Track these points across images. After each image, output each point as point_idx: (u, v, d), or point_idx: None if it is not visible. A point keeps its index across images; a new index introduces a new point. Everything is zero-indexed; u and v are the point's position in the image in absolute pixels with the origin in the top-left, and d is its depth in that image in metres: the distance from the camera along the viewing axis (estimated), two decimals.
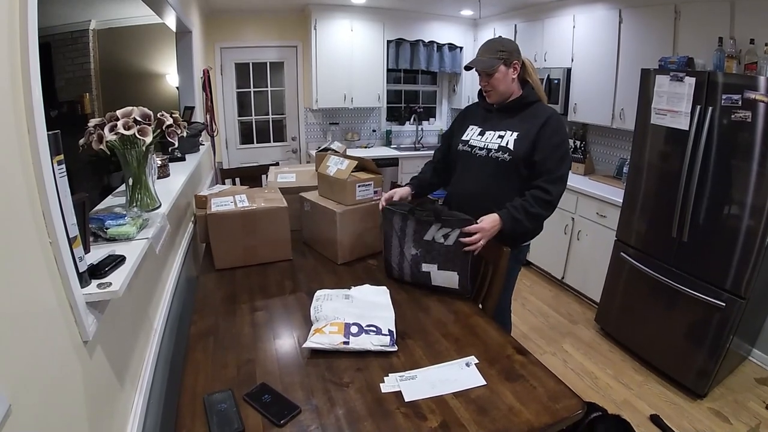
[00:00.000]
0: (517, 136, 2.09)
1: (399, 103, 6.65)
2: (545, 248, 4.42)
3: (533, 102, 2.16)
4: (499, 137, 2.14)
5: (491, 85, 2.14)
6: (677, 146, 2.87)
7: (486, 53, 2.12)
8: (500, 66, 2.09)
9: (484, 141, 2.19)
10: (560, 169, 2.05)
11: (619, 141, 4.44)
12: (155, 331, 1.67)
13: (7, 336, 0.74)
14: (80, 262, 1.03)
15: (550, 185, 2.02)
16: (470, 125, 2.31)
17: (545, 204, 2.02)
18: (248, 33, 5.52)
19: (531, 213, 2.01)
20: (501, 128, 2.16)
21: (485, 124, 2.25)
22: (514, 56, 2.11)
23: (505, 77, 2.11)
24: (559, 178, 2.04)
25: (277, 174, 2.93)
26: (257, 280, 2.12)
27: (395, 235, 2.10)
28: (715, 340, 2.74)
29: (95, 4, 4.56)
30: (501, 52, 2.09)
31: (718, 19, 3.18)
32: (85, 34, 4.95)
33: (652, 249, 3.12)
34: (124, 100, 5.45)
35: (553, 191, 2.02)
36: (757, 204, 2.51)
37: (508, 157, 2.09)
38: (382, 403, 1.31)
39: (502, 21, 5.60)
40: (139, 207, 1.64)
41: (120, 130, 1.46)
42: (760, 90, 2.44)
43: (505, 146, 2.10)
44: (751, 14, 3.01)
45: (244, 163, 5.73)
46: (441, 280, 2.02)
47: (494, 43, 2.15)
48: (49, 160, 0.92)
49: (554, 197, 2.03)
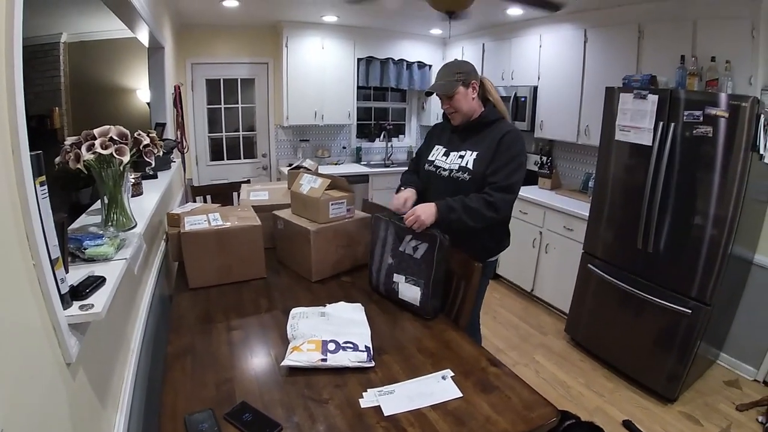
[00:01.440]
0: (476, 156, 2.16)
1: (369, 120, 6.72)
2: (514, 262, 4.51)
3: (494, 120, 2.22)
4: (459, 157, 2.21)
5: (453, 107, 2.20)
6: (641, 161, 2.98)
7: (444, 77, 2.20)
8: (459, 87, 2.16)
9: (447, 161, 2.26)
10: (507, 180, 2.09)
11: (585, 156, 4.58)
12: (132, 351, 1.66)
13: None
14: (62, 284, 1.03)
15: (493, 191, 2.07)
16: (436, 145, 2.38)
17: (485, 203, 2.05)
18: (220, 49, 5.52)
19: (468, 206, 2.04)
20: (463, 148, 2.23)
21: (450, 144, 2.31)
22: (472, 76, 2.18)
23: (465, 98, 2.18)
24: (506, 187, 2.09)
25: (250, 192, 2.93)
26: (232, 299, 2.11)
27: (379, 242, 2.15)
28: (683, 346, 2.84)
29: (67, 17, 4.48)
30: (458, 74, 2.16)
31: (680, 38, 3.33)
32: (56, 46, 4.88)
33: (619, 260, 3.23)
34: (94, 115, 5.35)
35: (495, 195, 2.06)
36: (719, 214, 2.63)
37: (467, 177, 2.16)
38: (362, 418, 1.33)
39: (471, 40, 5.74)
40: (115, 226, 1.63)
41: (97, 150, 1.46)
42: (721, 106, 2.57)
43: (465, 166, 2.17)
44: (713, 33, 3.16)
45: (215, 179, 5.69)
46: (407, 294, 2.02)
47: (451, 66, 2.24)
48: (32, 181, 0.92)
49: (496, 200, 2.06)
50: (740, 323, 3.31)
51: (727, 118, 2.56)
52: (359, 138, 6.56)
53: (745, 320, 3.27)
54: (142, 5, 2.53)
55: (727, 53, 3.05)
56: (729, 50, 3.04)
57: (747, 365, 3.29)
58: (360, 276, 2.42)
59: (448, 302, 2.14)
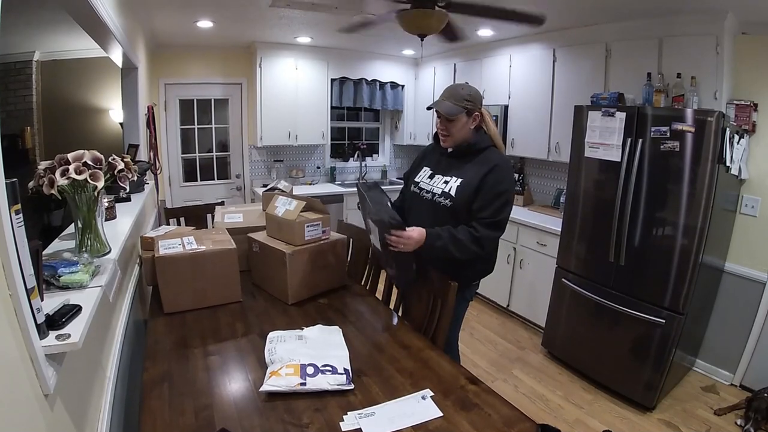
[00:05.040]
0: (460, 183, 2.13)
1: (343, 139, 6.75)
2: (490, 278, 4.43)
3: (484, 148, 2.18)
4: (444, 182, 2.19)
5: (449, 130, 2.17)
6: (611, 176, 3.06)
7: (451, 98, 2.13)
8: (462, 115, 2.12)
9: (431, 184, 2.24)
10: (495, 216, 2.06)
11: (556, 172, 4.68)
12: (109, 379, 1.62)
13: None
14: (38, 314, 1.01)
15: (480, 226, 2.05)
16: (424, 166, 2.36)
17: (472, 238, 2.04)
18: (194, 69, 5.50)
19: (455, 237, 2.03)
20: (449, 173, 2.20)
21: (437, 167, 2.29)
22: (477, 108, 2.15)
23: (464, 126, 2.15)
24: (494, 223, 2.07)
25: (224, 214, 2.92)
26: (208, 324, 2.09)
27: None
28: (659, 355, 2.91)
29: (40, 35, 4.41)
30: (467, 102, 2.12)
31: (646, 56, 3.45)
32: (29, 65, 4.79)
33: (592, 274, 3.29)
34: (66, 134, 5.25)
35: (481, 231, 2.04)
36: (689, 225, 2.71)
37: (449, 203, 2.13)
38: None
39: (443, 60, 5.84)
40: (89, 252, 1.61)
41: (72, 175, 1.45)
42: (687, 121, 2.67)
43: (448, 192, 2.14)
44: (678, 50, 3.28)
45: (188, 201, 5.63)
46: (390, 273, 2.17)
47: (462, 90, 2.16)
48: (7, 210, 0.91)
49: (482, 236, 2.04)
50: (714, 330, 3.41)
51: (693, 132, 2.65)
52: (333, 158, 6.58)
53: (719, 326, 3.38)
54: (116, 26, 2.52)
55: (692, 69, 3.16)
56: (694, 66, 3.16)
57: (723, 370, 3.39)
58: (337, 297, 2.43)
59: (425, 321, 2.16)
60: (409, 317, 2.34)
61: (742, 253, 3.28)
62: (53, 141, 4.96)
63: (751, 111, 3.11)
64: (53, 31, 4.33)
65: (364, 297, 2.50)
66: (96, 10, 2.03)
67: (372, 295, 2.57)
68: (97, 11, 2.05)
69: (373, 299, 2.48)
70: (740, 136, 2.95)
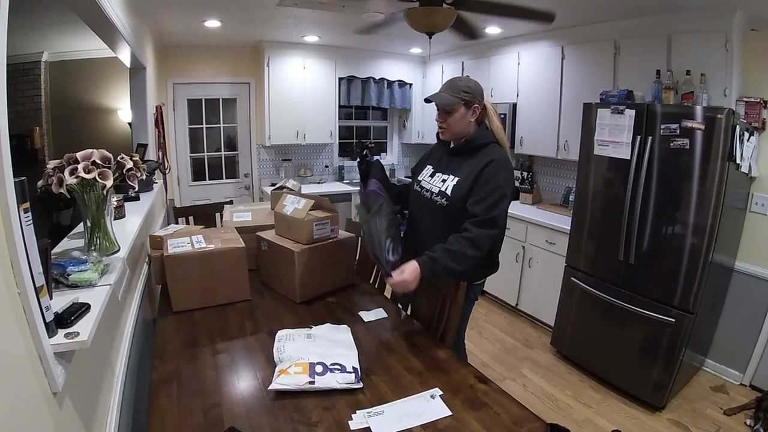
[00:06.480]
0: (456, 182, 2.08)
1: (351, 138, 6.75)
2: (498, 276, 4.43)
3: (485, 144, 2.11)
4: (442, 181, 2.15)
5: (447, 123, 2.11)
6: (620, 174, 3.04)
7: (449, 90, 2.09)
8: (461, 107, 2.06)
9: (431, 183, 2.20)
10: (488, 213, 1.96)
11: (565, 171, 4.65)
12: (117, 377, 1.63)
13: None
14: (47, 312, 1.01)
15: (473, 226, 1.95)
16: (428, 164, 2.32)
17: (466, 241, 1.93)
18: (201, 69, 5.53)
19: (450, 250, 1.93)
20: (448, 172, 2.16)
21: (438, 165, 2.25)
22: (477, 99, 2.09)
23: (462, 118, 2.09)
24: (487, 221, 1.96)
25: (233, 213, 2.92)
26: (217, 322, 2.09)
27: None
28: (668, 354, 2.88)
29: (48, 36, 4.42)
30: (465, 93, 2.06)
31: (655, 53, 3.42)
32: (37, 65, 4.79)
33: (601, 272, 3.26)
34: (75, 134, 5.24)
35: (474, 231, 1.94)
36: (699, 223, 2.68)
37: (445, 202, 2.09)
38: None
39: (450, 58, 5.82)
40: (98, 251, 1.62)
41: (81, 174, 1.45)
42: (697, 118, 2.64)
43: (444, 191, 2.10)
44: (687, 47, 3.25)
45: (197, 200, 5.66)
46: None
47: (461, 82, 2.11)
48: (16, 208, 0.91)
49: (475, 236, 1.93)
50: (724, 329, 3.37)
51: (703, 129, 2.63)
52: (341, 157, 6.58)
53: (729, 326, 3.34)
54: (124, 26, 2.52)
55: (701, 66, 3.13)
56: (703, 63, 3.13)
57: (733, 370, 3.36)
58: (345, 296, 2.42)
59: (434, 320, 2.15)
60: (418, 316, 2.33)
61: (753, 252, 3.24)
62: (62, 141, 4.98)
63: (761, 108, 3.08)
64: (61, 32, 4.35)
65: (372, 296, 2.49)
66: (104, 10, 2.03)
67: (380, 293, 2.56)
68: (105, 11, 2.05)
69: (382, 298, 2.47)
70: (750, 133, 2.92)
